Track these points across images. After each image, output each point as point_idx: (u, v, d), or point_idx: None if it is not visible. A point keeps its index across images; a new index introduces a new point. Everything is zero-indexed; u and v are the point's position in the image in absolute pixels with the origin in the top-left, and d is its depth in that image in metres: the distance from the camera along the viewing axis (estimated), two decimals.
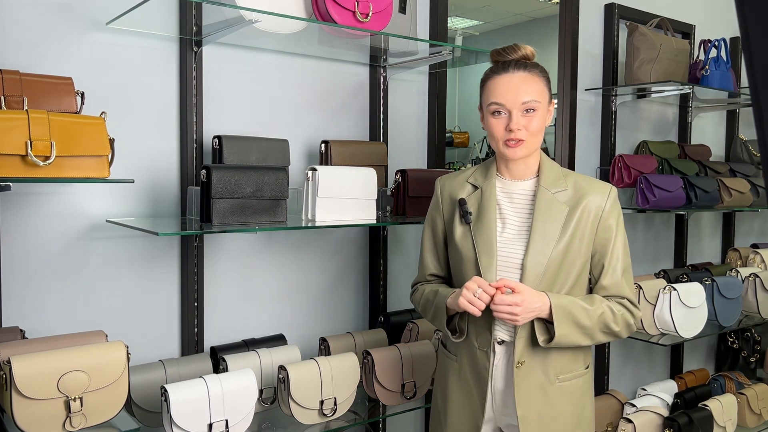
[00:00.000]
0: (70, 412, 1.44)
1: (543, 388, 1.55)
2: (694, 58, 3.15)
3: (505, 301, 1.45)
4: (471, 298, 1.48)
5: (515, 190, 1.61)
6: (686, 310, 2.62)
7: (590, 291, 1.63)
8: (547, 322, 1.52)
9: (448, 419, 1.67)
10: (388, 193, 2.19)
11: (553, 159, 2.85)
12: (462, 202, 1.61)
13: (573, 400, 1.58)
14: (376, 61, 2.30)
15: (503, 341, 1.57)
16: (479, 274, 1.55)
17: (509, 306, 1.45)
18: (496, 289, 1.47)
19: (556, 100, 1.59)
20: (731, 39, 3.45)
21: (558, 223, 1.54)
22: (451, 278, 1.72)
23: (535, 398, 1.55)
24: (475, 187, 1.63)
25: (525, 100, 1.50)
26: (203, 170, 1.73)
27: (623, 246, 1.60)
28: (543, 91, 1.54)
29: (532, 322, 1.52)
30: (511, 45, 1.57)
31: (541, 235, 1.53)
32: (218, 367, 1.89)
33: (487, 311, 1.51)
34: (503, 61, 1.56)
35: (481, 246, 1.56)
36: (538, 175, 1.60)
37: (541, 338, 1.52)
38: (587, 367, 1.63)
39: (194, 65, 1.91)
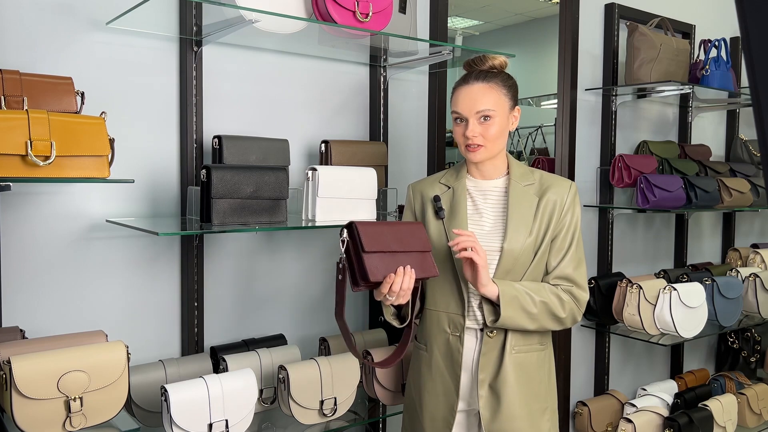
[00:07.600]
0: (70, 412, 1.44)
1: (501, 356, 1.66)
2: (694, 58, 3.15)
3: (462, 233, 1.54)
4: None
5: (488, 188, 1.72)
6: (686, 310, 2.62)
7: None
8: (496, 305, 1.63)
9: (423, 407, 1.72)
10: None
11: (553, 159, 2.86)
12: (436, 199, 1.73)
13: (526, 371, 1.68)
14: (376, 61, 2.30)
15: (475, 327, 1.67)
16: (453, 266, 1.65)
17: (466, 237, 1.53)
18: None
19: (519, 106, 1.71)
20: (731, 39, 3.45)
21: (530, 210, 1.67)
22: None
23: (493, 363, 1.66)
24: (448, 187, 1.74)
25: (479, 109, 1.62)
26: (203, 170, 1.73)
27: (579, 237, 1.72)
28: (500, 99, 1.64)
29: (490, 304, 1.63)
30: (480, 56, 1.69)
31: (518, 221, 1.65)
32: (218, 367, 1.89)
33: (459, 297, 1.65)
34: (469, 72, 1.68)
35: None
36: (507, 174, 1.72)
37: (489, 318, 1.62)
38: (543, 345, 1.72)
39: (194, 65, 1.91)
